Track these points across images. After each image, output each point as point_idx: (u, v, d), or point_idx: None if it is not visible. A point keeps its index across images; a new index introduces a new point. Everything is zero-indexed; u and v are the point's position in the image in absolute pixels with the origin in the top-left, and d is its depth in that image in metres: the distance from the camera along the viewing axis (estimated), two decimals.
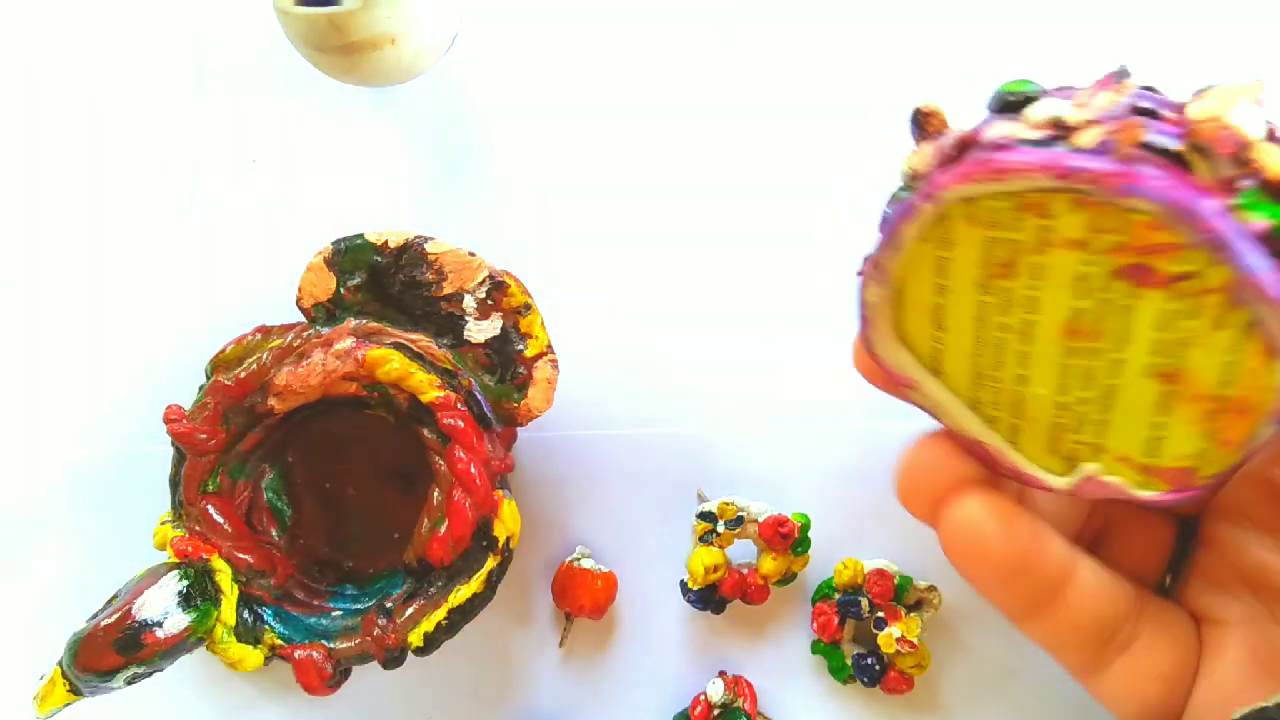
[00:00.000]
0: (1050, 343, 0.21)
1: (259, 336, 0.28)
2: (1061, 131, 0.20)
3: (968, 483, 0.23)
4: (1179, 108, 0.20)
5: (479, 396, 0.27)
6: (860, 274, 0.23)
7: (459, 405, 0.27)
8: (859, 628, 0.31)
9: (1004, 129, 0.21)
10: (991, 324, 0.22)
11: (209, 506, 0.28)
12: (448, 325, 0.27)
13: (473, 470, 0.26)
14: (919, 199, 0.21)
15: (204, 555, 0.27)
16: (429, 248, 0.27)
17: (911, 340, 0.23)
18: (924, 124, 0.22)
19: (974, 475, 0.23)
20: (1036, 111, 0.20)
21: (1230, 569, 0.25)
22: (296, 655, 0.27)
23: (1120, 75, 0.20)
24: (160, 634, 0.25)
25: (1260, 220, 0.18)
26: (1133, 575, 0.26)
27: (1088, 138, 0.19)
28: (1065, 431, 0.22)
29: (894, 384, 0.24)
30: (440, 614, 0.27)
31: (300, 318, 0.28)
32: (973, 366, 0.22)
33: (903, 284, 0.22)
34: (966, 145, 0.21)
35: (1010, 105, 0.21)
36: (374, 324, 0.27)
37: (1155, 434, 0.21)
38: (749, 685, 0.31)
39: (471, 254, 0.27)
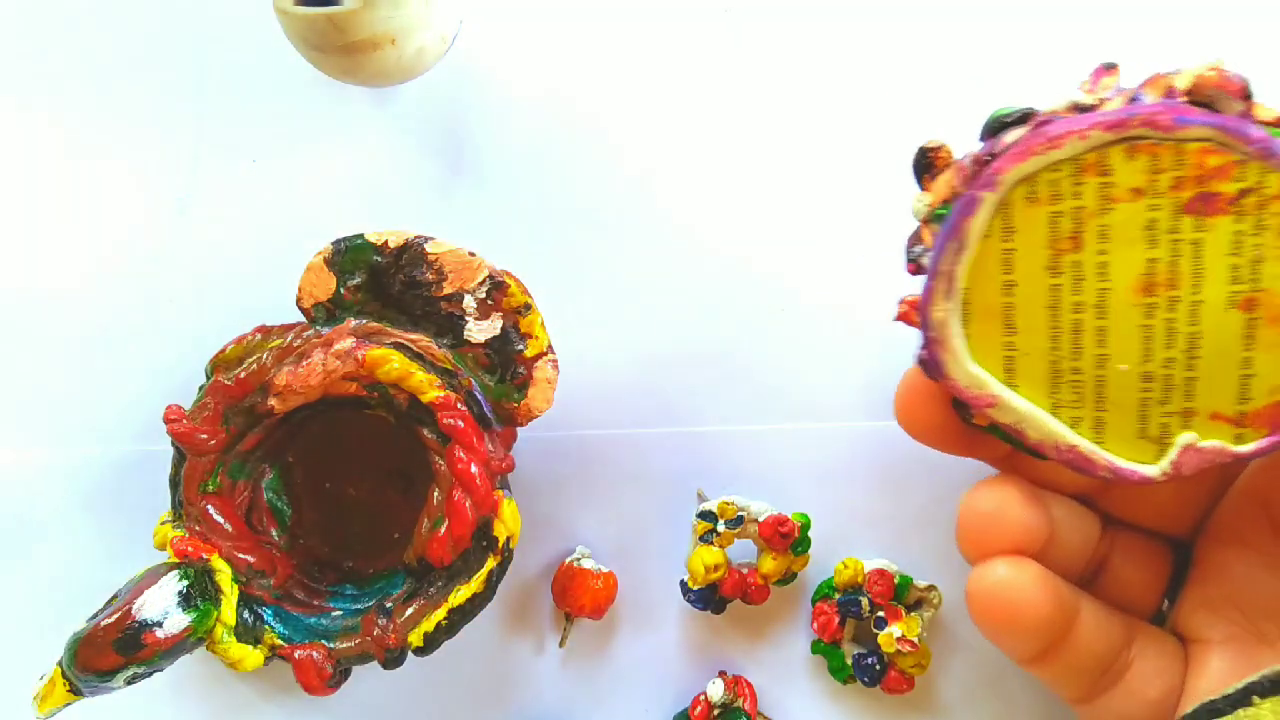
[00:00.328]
0: (1127, 307, 0.22)
1: (259, 336, 0.28)
2: (1084, 110, 0.21)
3: (1011, 542, 0.24)
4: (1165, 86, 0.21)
5: (479, 396, 0.27)
6: (901, 314, 0.23)
7: (459, 405, 0.27)
8: (859, 627, 0.31)
9: (1019, 132, 0.22)
10: (1066, 307, 0.22)
11: (209, 506, 0.28)
12: (448, 325, 0.28)
13: (473, 470, 0.26)
14: (978, 190, 0.22)
15: (204, 555, 0.27)
16: (429, 248, 0.27)
17: (982, 356, 0.23)
18: (934, 159, 0.23)
19: (1023, 531, 0.24)
20: (1053, 102, 0.22)
21: (1219, 590, 0.25)
22: (296, 655, 0.27)
23: (1110, 65, 0.22)
24: (160, 634, 0.25)
25: None
26: (1132, 601, 0.26)
27: (1118, 100, 0.21)
28: (1153, 406, 0.22)
29: (950, 412, 0.24)
30: (440, 614, 0.27)
31: (300, 318, 0.28)
32: (1050, 364, 0.23)
33: (969, 293, 0.23)
34: (982, 161, 0.22)
35: (1007, 125, 0.22)
36: (374, 324, 0.27)
37: (1245, 373, 0.22)
38: (749, 685, 0.31)
39: (471, 254, 0.27)
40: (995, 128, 0.22)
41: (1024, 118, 0.22)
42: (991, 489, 0.24)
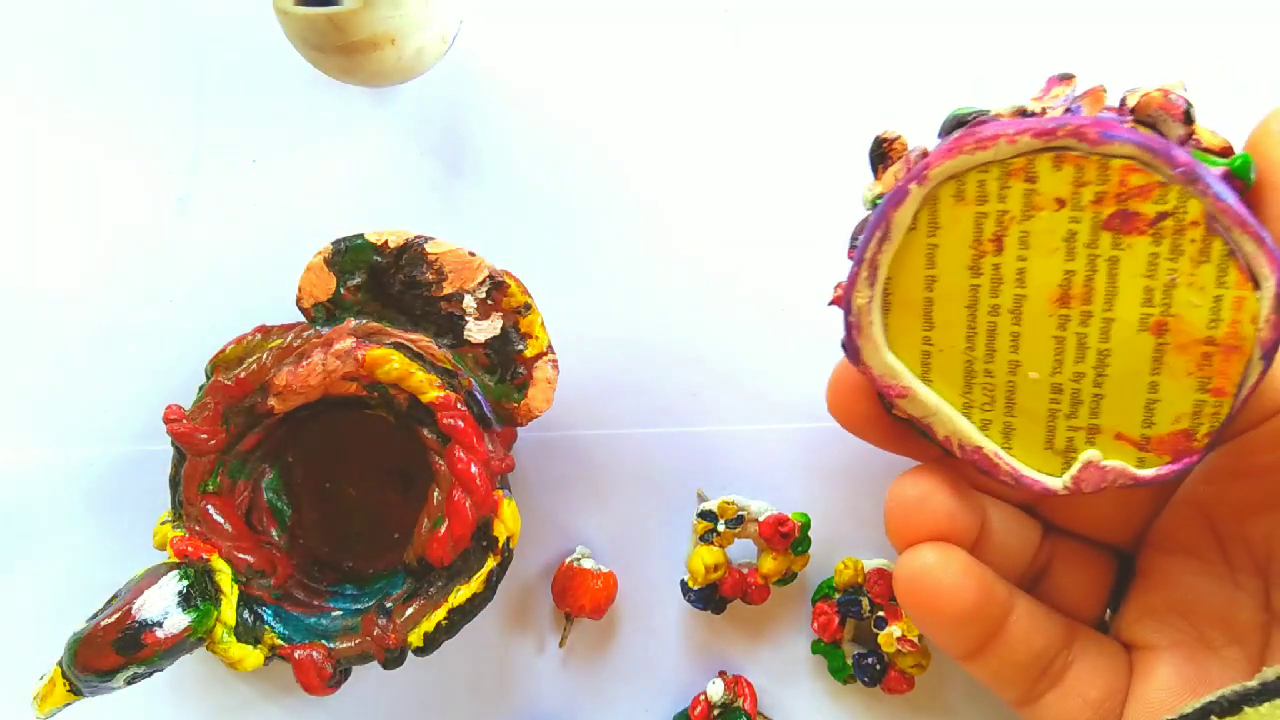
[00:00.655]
0: (1042, 316, 0.22)
1: (259, 336, 0.28)
2: (1026, 116, 0.21)
3: (936, 529, 0.24)
4: (1120, 104, 0.21)
5: (479, 396, 0.27)
6: (835, 298, 0.24)
7: (459, 405, 0.27)
8: (859, 627, 0.31)
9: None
10: (983, 308, 0.22)
11: (209, 506, 0.28)
12: (448, 325, 0.28)
13: (473, 470, 0.26)
14: (907, 182, 0.22)
15: (204, 555, 0.27)
16: (429, 248, 0.27)
17: (900, 347, 0.23)
18: (888, 150, 0.23)
19: (948, 519, 0.24)
20: (1000, 106, 0.22)
21: (1163, 597, 0.25)
22: (296, 655, 0.27)
23: (1065, 75, 0.22)
24: (160, 634, 0.25)
25: (1216, 168, 0.20)
26: (1073, 609, 0.26)
27: (1058, 109, 0.21)
28: (1060, 419, 0.22)
29: (878, 404, 0.24)
30: (440, 614, 0.27)
31: (300, 318, 0.28)
32: (964, 364, 0.23)
33: (892, 283, 0.23)
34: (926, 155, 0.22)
35: (965, 124, 0.22)
36: (374, 324, 0.27)
37: (1151, 397, 0.22)
38: (749, 685, 0.31)
39: (471, 254, 0.27)
40: (952, 126, 0.22)
41: (979, 116, 0.22)
42: (916, 477, 0.24)
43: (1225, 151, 0.21)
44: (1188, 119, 0.20)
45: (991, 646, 0.24)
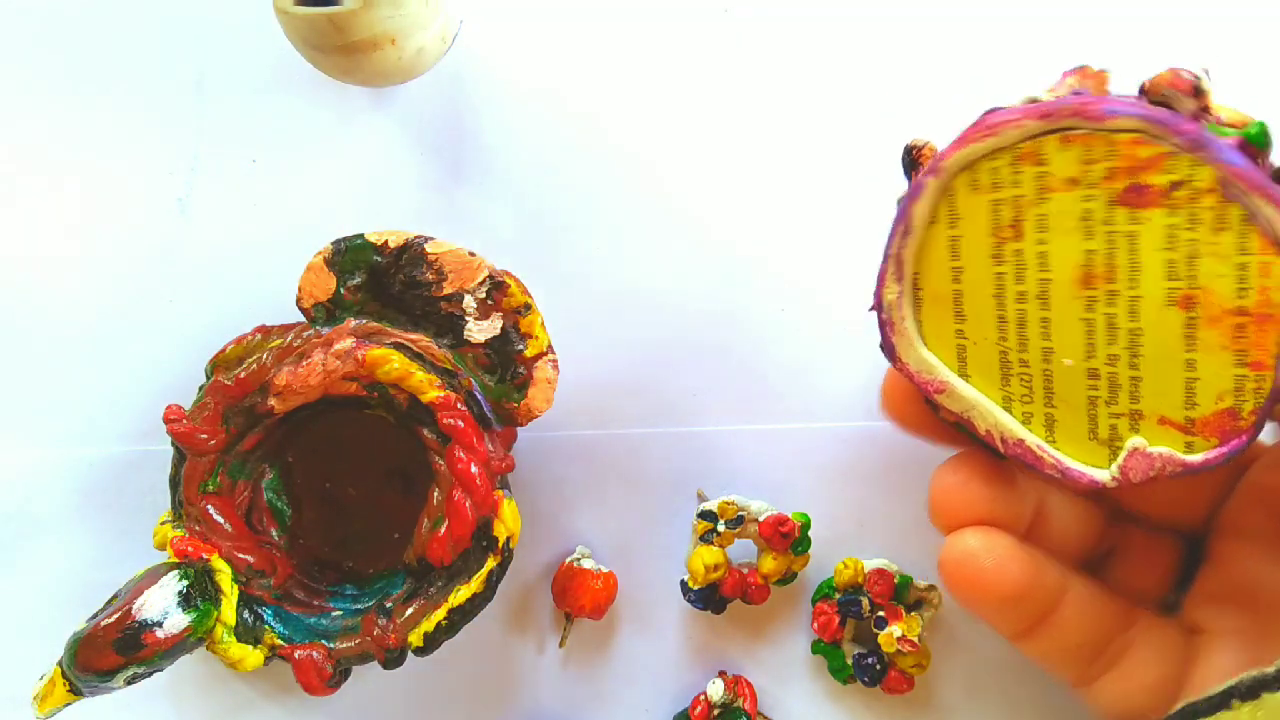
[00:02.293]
0: (1068, 299, 0.22)
1: (259, 336, 0.28)
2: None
3: (979, 513, 0.24)
4: (1140, 93, 0.21)
5: (479, 396, 0.27)
6: (874, 305, 0.24)
7: (459, 405, 0.27)
8: (859, 627, 0.31)
9: None
10: (1010, 296, 0.22)
11: (209, 506, 0.28)
12: (448, 325, 0.28)
13: (473, 470, 0.26)
14: (923, 177, 0.22)
15: (204, 555, 0.27)
16: (429, 248, 0.27)
17: (936, 343, 0.23)
18: (918, 157, 0.23)
19: (990, 503, 0.24)
20: (1013, 99, 0.22)
21: (1227, 583, 0.25)
22: (296, 655, 0.27)
23: (1079, 68, 0.22)
24: (160, 634, 0.25)
25: (1228, 138, 0.20)
26: (1138, 592, 0.26)
27: (1062, 91, 0.21)
28: (1101, 406, 0.22)
29: (921, 401, 0.24)
30: (440, 614, 0.27)
31: (300, 318, 0.28)
32: (999, 355, 0.23)
33: (921, 279, 0.23)
34: None
35: None
36: (374, 324, 0.27)
37: (1189, 376, 0.21)
38: (749, 685, 0.31)
39: (471, 254, 0.27)
40: None
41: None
42: (957, 464, 0.25)
43: (1245, 125, 0.21)
44: (1196, 92, 0.20)
45: (1043, 629, 0.24)
